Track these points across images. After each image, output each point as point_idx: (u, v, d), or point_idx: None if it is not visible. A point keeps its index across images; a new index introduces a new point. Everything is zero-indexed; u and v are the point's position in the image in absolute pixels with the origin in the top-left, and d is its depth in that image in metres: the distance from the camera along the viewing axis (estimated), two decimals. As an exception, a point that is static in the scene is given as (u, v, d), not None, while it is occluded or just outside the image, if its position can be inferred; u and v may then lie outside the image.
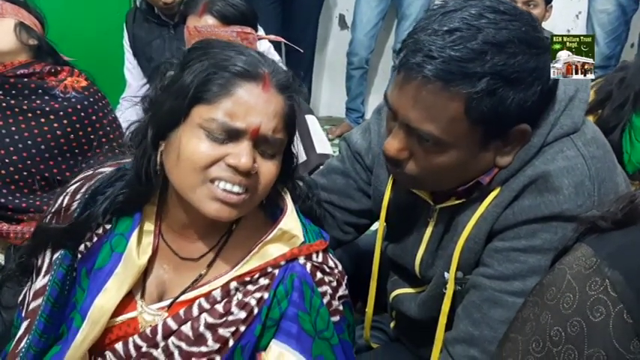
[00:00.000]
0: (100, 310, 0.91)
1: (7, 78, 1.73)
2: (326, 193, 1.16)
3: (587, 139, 0.90)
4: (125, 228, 0.94)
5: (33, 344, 0.95)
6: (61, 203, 0.99)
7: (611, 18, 2.77)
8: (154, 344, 0.91)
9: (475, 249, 0.93)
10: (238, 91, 0.84)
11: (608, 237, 0.66)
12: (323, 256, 0.93)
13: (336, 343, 0.92)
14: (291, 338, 0.89)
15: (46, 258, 0.98)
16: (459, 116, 0.83)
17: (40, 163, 1.71)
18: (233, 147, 0.84)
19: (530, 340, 0.68)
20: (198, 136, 0.84)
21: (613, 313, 0.62)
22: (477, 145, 0.87)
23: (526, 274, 0.87)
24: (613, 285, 0.62)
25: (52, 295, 0.95)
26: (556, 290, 0.67)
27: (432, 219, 1.01)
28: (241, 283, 0.90)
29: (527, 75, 0.82)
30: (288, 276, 0.89)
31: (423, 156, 0.89)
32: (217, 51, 0.88)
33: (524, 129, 0.87)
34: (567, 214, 0.85)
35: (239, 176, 0.84)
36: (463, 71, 0.80)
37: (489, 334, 0.89)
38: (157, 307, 0.94)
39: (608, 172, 0.89)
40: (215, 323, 0.89)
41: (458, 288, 0.97)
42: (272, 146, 0.86)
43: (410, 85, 0.84)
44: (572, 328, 0.64)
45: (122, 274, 0.92)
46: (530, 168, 0.88)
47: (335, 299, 0.93)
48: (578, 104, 0.91)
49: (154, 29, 2.41)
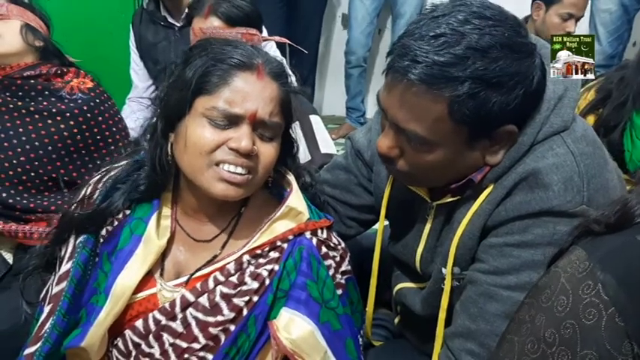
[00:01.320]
0: (122, 287, 0.98)
1: (14, 80, 1.75)
2: (330, 187, 1.22)
3: (576, 137, 0.92)
4: (144, 213, 1.03)
5: (57, 325, 0.99)
6: (84, 193, 1.07)
7: (614, 17, 2.78)
8: (172, 317, 0.98)
9: (470, 244, 0.96)
10: (235, 81, 0.93)
11: (601, 240, 0.68)
12: (327, 233, 1.01)
13: (341, 313, 0.98)
14: (300, 304, 0.95)
15: (69, 246, 1.04)
16: (442, 117, 0.86)
17: (47, 163, 1.73)
18: (234, 132, 0.93)
19: (525, 342, 0.70)
20: (202, 124, 0.93)
21: (605, 315, 0.63)
22: (463, 144, 0.90)
23: (520, 268, 0.90)
24: (605, 288, 0.64)
25: (76, 276, 1.00)
26: (550, 293, 0.68)
27: (430, 216, 1.04)
28: (253, 257, 0.98)
29: (508, 79, 0.84)
30: (297, 249, 0.97)
31: (412, 154, 0.92)
32: (216, 47, 0.97)
33: (510, 129, 0.90)
34: (557, 210, 0.88)
35: (241, 158, 0.93)
36: (446, 75, 0.83)
37: (486, 328, 0.92)
38: (174, 283, 1.01)
39: (598, 168, 0.91)
40: (230, 293, 0.96)
41: (456, 284, 0.99)
42: (270, 129, 0.95)
43: (397, 88, 0.88)
44: (565, 330, 0.66)
45: (142, 254, 1.00)
46: (521, 165, 0.91)
47: (338, 273, 1.00)
48: (567, 103, 0.93)
49: (160, 31, 2.43)
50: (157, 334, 0.98)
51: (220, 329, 0.96)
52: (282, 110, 0.96)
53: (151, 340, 0.99)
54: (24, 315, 1.12)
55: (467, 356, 0.93)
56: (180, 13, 2.42)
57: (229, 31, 1.62)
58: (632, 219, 0.67)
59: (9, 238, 1.73)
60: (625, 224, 0.67)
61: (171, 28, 2.44)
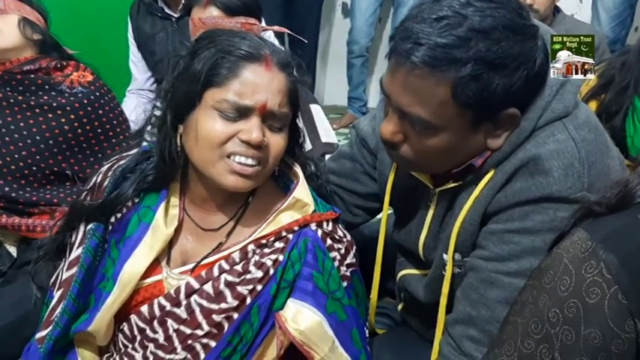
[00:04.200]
0: (130, 274, 1.00)
1: (14, 74, 1.75)
2: (335, 176, 1.22)
3: (578, 123, 0.92)
4: (152, 202, 1.04)
5: (67, 309, 1.01)
6: (95, 181, 1.09)
7: (616, 2, 2.76)
8: (176, 303, 0.99)
9: (471, 230, 0.96)
10: (244, 73, 0.93)
11: (603, 221, 0.68)
12: (333, 226, 1.02)
13: (347, 304, 0.98)
14: (307, 295, 0.96)
15: (79, 233, 1.06)
16: (446, 100, 0.86)
17: (48, 157, 1.74)
18: (244, 124, 0.94)
19: (529, 323, 0.70)
20: (212, 117, 0.94)
21: (608, 294, 0.64)
22: (467, 128, 0.90)
23: (520, 255, 0.90)
24: (608, 267, 0.64)
25: (86, 262, 1.02)
26: (553, 274, 0.69)
27: (433, 202, 1.04)
28: (258, 246, 0.99)
29: (511, 60, 0.85)
30: (302, 241, 0.98)
31: (416, 139, 0.92)
32: (223, 38, 0.98)
33: (512, 113, 0.90)
34: (557, 196, 0.88)
35: (252, 150, 0.94)
36: (448, 57, 0.84)
37: (487, 314, 0.92)
38: (180, 270, 1.02)
39: (599, 154, 0.91)
40: (234, 281, 0.97)
41: (457, 270, 0.99)
42: (279, 120, 0.96)
43: (400, 71, 0.88)
44: (569, 309, 0.66)
45: (150, 242, 1.01)
46: (522, 151, 0.91)
47: (343, 265, 1.00)
48: (569, 89, 0.93)
49: (157, 23, 2.43)
50: (161, 320, 1.00)
51: (224, 317, 0.97)
52: (290, 100, 0.97)
53: (155, 326, 1.00)
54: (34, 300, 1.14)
55: (468, 342, 0.93)
56: (177, 4, 2.42)
57: (228, 20, 1.62)
58: (632, 199, 0.67)
59: (13, 231, 1.74)
60: (626, 204, 0.67)
61: (169, 19, 2.43)
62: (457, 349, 0.95)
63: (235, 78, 0.93)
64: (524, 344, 0.70)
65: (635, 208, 0.66)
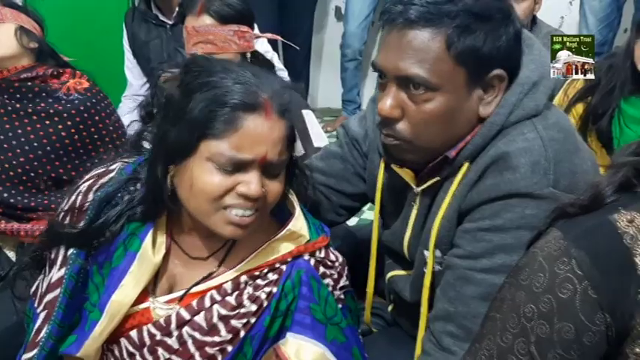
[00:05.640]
0: (118, 305, 0.97)
1: (12, 82, 1.77)
2: (324, 176, 1.23)
3: (548, 124, 0.97)
4: (137, 228, 0.99)
5: (53, 334, 1.00)
6: (74, 202, 1.03)
7: (603, 5, 2.80)
8: (167, 333, 0.97)
9: (448, 227, 1.00)
10: (243, 124, 0.87)
11: (575, 221, 0.71)
12: (325, 252, 1.00)
13: (345, 326, 0.99)
14: (306, 329, 0.96)
15: (60, 251, 1.02)
16: (442, 55, 0.92)
17: (46, 163, 1.76)
18: (242, 176, 0.89)
19: (507, 318, 0.74)
20: (209, 169, 0.89)
21: (579, 289, 0.67)
22: (461, 90, 0.95)
23: (492, 252, 0.94)
24: (579, 264, 0.67)
25: (69, 287, 1.00)
26: (529, 271, 0.72)
27: (416, 202, 1.08)
28: (251, 277, 0.96)
29: (495, 12, 0.94)
30: (295, 272, 0.96)
31: (413, 110, 0.95)
32: (216, 80, 0.90)
33: (499, 74, 0.96)
34: (523, 191, 0.92)
35: (250, 202, 0.90)
36: (440, 11, 0.92)
37: (463, 310, 0.95)
38: (167, 298, 1.00)
39: (566, 154, 0.95)
40: (228, 315, 0.95)
41: (438, 268, 1.03)
42: (278, 167, 0.92)
43: (396, 35, 0.95)
44: (543, 305, 0.69)
45: (138, 271, 0.98)
46: (493, 148, 0.95)
47: (337, 289, 1.00)
48: (542, 90, 0.98)
49: (151, 29, 2.45)
50: (151, 348, 0.98)
51: (217, 349, 0.96)
52: (288, 145, 0.93)
53: (145, 353, 0.99)
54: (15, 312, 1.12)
55: (447, 338, 0.97)
56: (171, 11, 2.44)
57: (221, 28, 1.64)
58: (603, 200, 0.71)
59: (11, 236, 1.76)
60: (597, 205, 0.71)
61: (163, 26, 2.46)
62: (437, 344, 0.98)
63: (233, 131, 0.87)
64: (503, 338, 0.73)
65: (606, 209, 0.70)
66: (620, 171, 0.71)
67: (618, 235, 0.67)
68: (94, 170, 1.07)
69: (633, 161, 0.71)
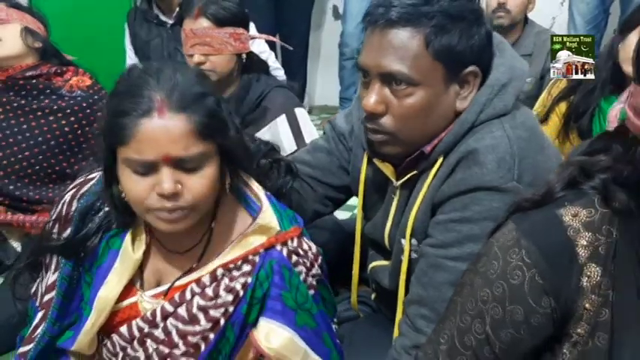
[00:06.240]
0: (105, 300, 1.04)
1: (17, 80, 1.84)
2: (310, 168, 1.30)
3: (515, 123, 1.04)
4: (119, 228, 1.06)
5: (48, 331, 1.08)
6: (59, 211, 1.09)
7: (591, 7, 2.86)
8: (154, 325, 1.03)
9: (423, 218, 1.07)
10: (139, 129, 0.90)
11: (528, 215, 0.78)
12: (297, 241, 1.05)
13: (315, 312, 1.05)
14: (277, 314, 1.02)
15: (53, 257, 1.10)
16: (421, 52, 1.00)
17: (50, 157, 1.83)
18: (156, 176, 0.93)
19: (466, 302, 0.81)
20: (128, 175, 0.95)
21: (528, 276, 0.75)
22: (439, 85, 1.02)
23: (462, 241, 1.01)
24: (528, 254, 0.75)
25: (62, 288, 1.08)
26: (486, 259, 0.80)
27: (396, 195, 1.15)
28: (227, 270, 1.02)
29: (467, 14, 1.02)
30: (267, 262, 1.02)
31: (396, 104, 1.03)
32: (118, 90, 0.96)
33: (474, 70, 1.04)
34: (489, 185, 0.99)
35: (170, 201, 0.93)
36: (418, 12, 1.00)
37: (435, 295, 1.03)
38: (153, 293, 1.06)
39: (530, 151, 1.02)
40: (206, 305, 1.01)
41: (414, 256, 1.10)
42: (192, 161, 0.93)
43: (378, 35, 1.02)
44: (497, 289, 0.77)
45: (120, 268, 1.04)
46: (463, 145, 1.03)
47: (309, 277, 1.05)
48: (511, 91, 1.06)
49: (152, 29, 2.52)
50: (141, 340, 1.04)
51: (200, 337, 1.02)
52: (201, 136, 0.93)
53: (135, 345, 1.05)
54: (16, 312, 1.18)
55: (421, 320, 1.04)
56: (171, 11, 2.51)
57: (218, 31, 1.70)
58: (552, 196, 0.78)
59: (17, 227, 1.84)
60: (547, 200, 0.78)
61: (163, 25, 2.53)
62: (412, 326, 1.05)
63: (132, 136, 0.91)
64: (462, 320, 0.81)
65: (555, 204, 0.77)
66: (568, 169, 0.79)
67: (563, 227, 0.74)
68: (77, 179, 1.13)
69: (579, 161, 0.78)
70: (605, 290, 0.73)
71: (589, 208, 0.75)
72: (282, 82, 1.96)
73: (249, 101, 1.78)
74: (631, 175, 0.72)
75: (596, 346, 0.74)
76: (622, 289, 0.73)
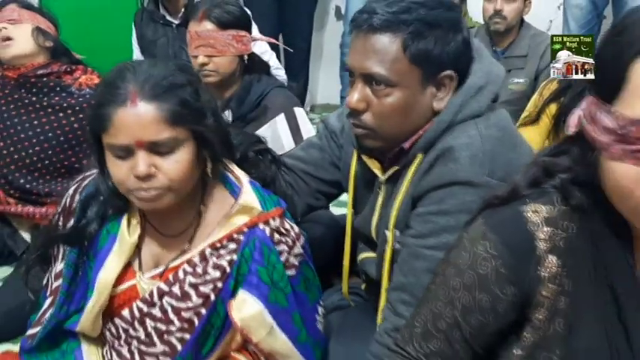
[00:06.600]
0: (105, 281, 1.13)
1: (29, 78, 1.93)
2: (303, 164, 1.39)
3: (489, 124, 1.12)
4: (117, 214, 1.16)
5: (55, 315, 1.17)
6: (64, 204, 1.19)
7: (584, 12, 2.91)
8: (152, 304, 1.12)
9: (405, 210, 1.15)
10: (115, 116, 1.01)
11: (495, 211, 0.85)
12: (280, 221, 1.13)
13: (289, 292, 1.13)
14: (252, 287, 1.10)
15: (61, 247, 1.18)
16: (399, 56, 1.08)
17: (59, 153, 1.92)
18: (133, 159, 1.02)
19: (439, 289, 0.89)
20: (111, 159, 1.05)
21: (493, 267, 0.82)
22: (417, 86, 1.11)
23: (439, 232, 1.08)
24: (494, 246, 0.82)
25: (68, 275, 1.16)
26: (457, 250, 0.87)
27: (381, 190, 1.23)
28: (214, 249, 1.11)
29: (443, 21, 1.09)
30: (251, 240, 1.10)
31: (376, 103, 1.11)
32: (101, 83, 1.08)
33: (449, 74, 1.12)
34: (463, 180, 1.07)
35: (145, 182, 1.03)
36: (397, 19, 1.08)
37: (414, 281, 1.10)
38: (151, 274, 1.15)
39: (502, 149, 1.10)
40: (197, 282, 1.10)
41: (397, 246, 1.17)
42: (165, 145, 1.02)
43: (362, 39, 1.11)
44: (466, 279, 0.84)
45: (118, 251, 1.13)
46: (441, 143, 1.11)
47: (291, 255, 1.14)
48: (486, 94, 1.14)
49: (159, 29, 2.60)
50: (141, 320, 1.13)
51: (193, 313, 1.10)
52: (173, 122, 1.02)
53: (136, 325, 1.13)
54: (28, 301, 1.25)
55: (401, 305, 1.11)
56: (177, 12, 2.59)
57: (221, 33, 1.78)
58: (518, 193, 0.85)
59: (27, 219, 1.93)
60: (513, 198, 0.85)
61: (169, 25, 2.60)
62: (393, 311, 1.13)
63: (110, 123, 1.01)
64: (436, 306, 0.88)
65: (519, 201, 0.84)
66: (532, 170, 0.86)
67: (525, 222, 0.81)
68: (79, 176, 1.23)
69: (542, 162, 0.86)
70: (562, 280, 0.80)
71: (550, 205, 0.82)
72: (282, 83, 2.04)
73: (250, 100, 1.85)
74: (587, 176, 0.79)
75: (555, 331, 0.81)
76: (578, 279, 0.80)
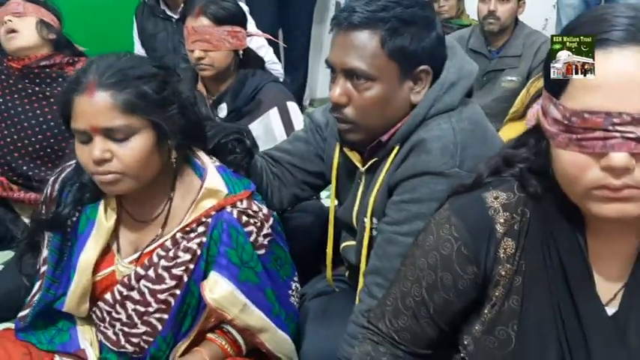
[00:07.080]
0: (85, 263, 1.19)
1: (32, 69, 1.99)
2: (290, 156, 1.46)
3: (461, 117, 1.18)
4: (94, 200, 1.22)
5: (43, 298, 1.25)
6: (46, 193, 1.25)
7: (577, 12, 2.95)
8: (130, 288, 1.19)
9: (382, 199, 1.22)
10: (75, 105, 1.09)
11: (460, 197, 0.92)
12: (247, 203, 1.19)
13: (260, 270, 1.20)
14: (222, 269, 1.16)
15: (46, 235, 1.24)
16: (377, 52, 1.14)
17: (61, 141, 1.99)
18: (92, 144, 1.09)
19: (407, 269, 0.96)
20: (76, 143, 1.12)
21: (455, 247, 0.89)
22: (395, 81, 1.17)
23: (412, 219, 1.15)
24: (456, 229, 0.89)
25: (52, 260, 1.23)
26: (424, 234, 0.94)
27: (362, 180, 1.30)
28: (184, 233, 1.18)
29: (419, 19, 1.16)
30: (219, 222, 1.16)
31: (357, 97, 1.17)
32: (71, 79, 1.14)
33: (425, 69, 1.18)
34: (434, 171, 1.13)
35: (100, 166, 1.09)
36: (375, 17, 1.14)
37: (388, 265, 1.17)
38: (129, 260, 1.21)
39: (473, 141, 1.16)
40: (169, 265, 1.17)
41: (375, 233, 1.24)
42: (119, 132, 1.08)
43: (342, 36, 1.17)
44: (431, 259, 0.91)
45: (96, 235, 1.20)
46: (415, 135, 1.18)
47: (260, 236, 1.20)
48: (458, 89, 1.20)
49: (159, 23, 2.66)
50: (121, 303, 1.19)
51: (168, 294, 1.17)
52: (127, 111, 1.08)
53: (117, 308, 1.20)
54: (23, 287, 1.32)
55: (375, 287, 1.18)
56: (177, 7, 2.65)
57: (217, 29, 1.84)
58: (481, 181, 0.92)
59: (29, 205, 2.00)
60: (477, 185, 0.92)
61: (169, 20, 2.67)
62: (368, 293, 1.20)
63: (73, 110, 1.09)
64: (404, 285, 0.95)
65: (482, 189, 0.91)
66: (494, 160, 0.93)
67: (485, 208, 0.88)
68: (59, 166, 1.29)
69: (504, 152, 0.93)
70: (518, 260, 0.87)
71: (508, 192, 0.89)
72: (276, 77, 2.10)
73: (245, 94, 1.92)
74: (541, 166, 0.86)
75: (510, 307, 0.88)
76: (531, 260, 0.87)
